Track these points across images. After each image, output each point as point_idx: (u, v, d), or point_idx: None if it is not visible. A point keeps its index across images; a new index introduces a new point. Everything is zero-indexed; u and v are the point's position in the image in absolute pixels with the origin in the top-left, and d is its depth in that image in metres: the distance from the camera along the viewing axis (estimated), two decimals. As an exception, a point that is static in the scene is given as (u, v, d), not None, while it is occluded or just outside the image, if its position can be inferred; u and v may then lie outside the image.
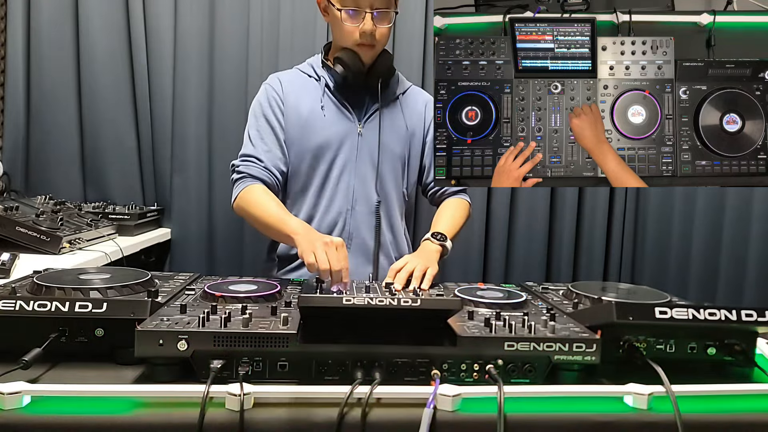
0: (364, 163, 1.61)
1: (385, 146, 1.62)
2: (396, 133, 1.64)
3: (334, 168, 1.60)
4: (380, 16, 1.50)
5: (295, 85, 1.63)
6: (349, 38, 1.52)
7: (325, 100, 1.60)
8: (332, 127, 1.59)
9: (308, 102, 1.60)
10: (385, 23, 1.52)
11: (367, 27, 1.49)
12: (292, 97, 1.61)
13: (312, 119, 1.59)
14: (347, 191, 1.61)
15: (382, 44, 1.56)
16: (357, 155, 1.60)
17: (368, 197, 1.62)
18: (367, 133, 1.61)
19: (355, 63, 1.53)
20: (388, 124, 1.63)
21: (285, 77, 1.66)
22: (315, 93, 1.61)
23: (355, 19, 1.50)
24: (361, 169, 1.61)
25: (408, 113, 1.67)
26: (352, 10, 1.49)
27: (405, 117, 1.66)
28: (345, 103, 1.61)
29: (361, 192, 1.61)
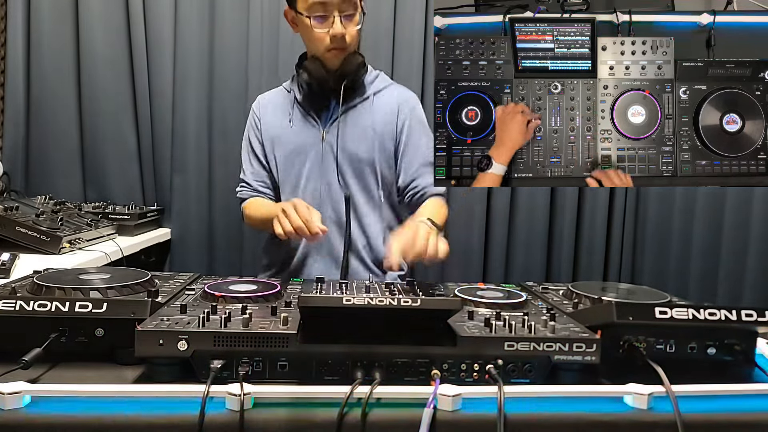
0: (329, 167, 1.64)
1: (346, 149, 1.62)
2: (360, 135, 1.63)
3: (302, 176, 1.65)
4: (348, 18, 1.53)
5: (273, 103, 1.72)
6: (320, 45, 1.55)
7: (294, 112, 1.66)
8: (297, 138, 1.65)
9: (279, 117, 1.68)
10: (354, 25, 1.55)
11: (337, 30, 1.52)
12: (268, 117, 1.70)
13: (281, 133, 1.66)
14: (313, 196, 1.63)
15: (353, 46, 1.59)
16: (321, 160, 1.64)
17: (334, 201, 1.65)
18: (330, 138, 1.63)
19: (317, 70, 1.57)
20: (351, 127, 1.63)
21: (266, 97, 1.76)
22: (287, 107, 1.68)
23: (324, 25, 1.52)
24: (326, 174, 1.64)
25: (378, 114, 1.65)
26: (320, 17, 1.52)
27: (374, 118, 1.64)
28: (310, 111, 1.65)
29: (327, 196, 1.64)
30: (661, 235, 2.78)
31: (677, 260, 2.77)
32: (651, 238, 2.79)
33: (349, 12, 1.53)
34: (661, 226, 2.78)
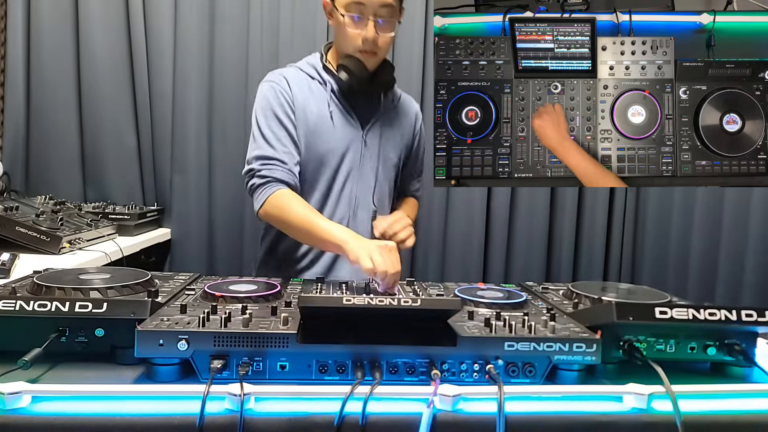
0: (366, 170, 1.62)
1: (385, 155, 1.64)
2: (392, 142, 1.66)
3: (339, 174, 1.60)
4: (384, 24, 1.49)
5: (301, 85, 1.59)
6: (351, 44, 1.51)
7: (332, 105, 1.59)
8: (339, 134, 1.58)
9: (315, 105, 1.58)
10: (388, 32, 1.51)
11: (369, 34, 1.48)
12: (300, 98, 1.57)
13: (320, 124, 1.57)
14: (350, 198, 1.61)
15: (384, 52, 1.55)
16: (360, 162, 1.61)
17: (368, 204, 1.64)
18: (369, 141, 1.62)
19: (360, 71, 1.53)
20: (386, 133, 1.65)
21: (290, 76, 1.60)
22: (321, 96, 1.59)
23: (358, 26, 1.48)
24: (363, 177, 1.62)
25: (403, 122, 1.70)
26: (356, 16, 1.48)
27: (400, 125, 1.69)
28: (350, 109, 1.61)
29: (363, 199, 1.62)
30: (661, 235, 2.78)
31: (676, 260, 2.77)
32: (651, 238, 2.79)
33: (386, 18, 1.49)
34: (660, 226, 2.78)
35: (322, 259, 1.63)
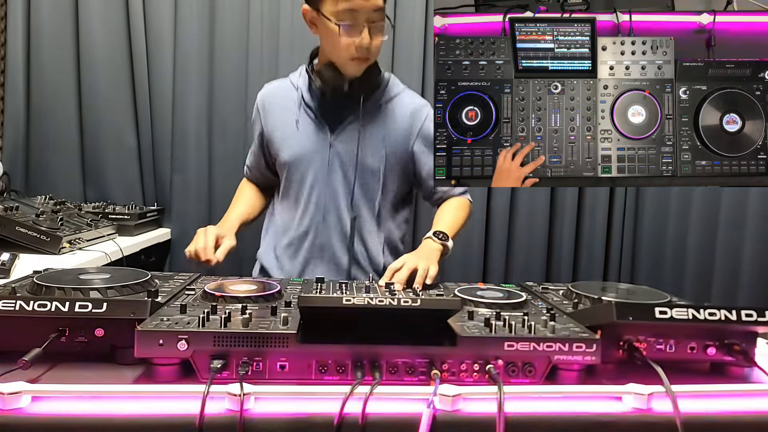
0: (335, 174, 1.60)
1: (361, 159, 1.59)
2: (373, 145, 1.60)
3: (306, 180, 1.62)
4: (376, 28, 1.48)
5: (277, 98, 1.67)
6: (344, 53, 1.49)
7: (300, 113, 1.61)
8: (304, 141, 1.60)
9: (285, 116, 1.63)
10: (380, 36, 1.50)
11: (365, 41, 1.46)
12: (272, 112, 1.66)
13: (286, 134, 1.62)
14: (318, 203, 1.62)
15: (375, 56, 1.54)
16: (328, 167, 1.60)
17: (339, 210, 1.62)
18: (338, 145, 1.59)
19: (335, 82, 1.52)
20: (365, 136, 1.59)
21: (270, 90, 1.70)
22: (294, 106, 1.63)
23: (351, 33, 1.46)
24: (332, 182, 1.61)
25: (389, 124, 1.61)
26: (348, 25, 1.45)
27: (385, 127, 1.61)
28: (319, 115, 1.60)
29: (332, 204, 1.62)
30: (661, 234, 2.78)
31: (675, 260, 2.77)
32: (651, 238, 2.79)
33: (378, 22, 1.47)
34: (660, 226, 2.78)
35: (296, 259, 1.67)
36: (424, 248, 1.48)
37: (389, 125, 1.61)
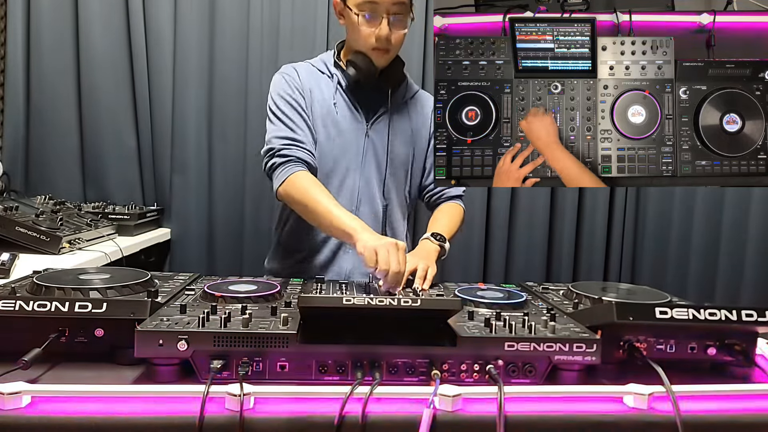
0: (369, 164, 1.62)
1: (393, 150, 1.63)
2: (401, 137, 1.65)
3: (340, 166, 1.61)
4: (397, 21, 1.50)
5: (310, 77, 1.64)
6: (364, 42, 1.52)
7: (337, 97, 1.61)
8: (342, 125, 1.60)
9: (321, 97, 1.61)
10: (401, 28, 1.52)
11: (383, 32, 1.49)
12: (308, 89, 1.61)
13: (324, 114, 1.60)
14: (352, 191, 1.61)
15: (396, 49, 1.56)
16: (363, 156, 1.61)
17: (372, 199, 1.63)
18: (373, 135, 1.62)
19: (367, 67, 1.54)
20: (393, 128, 1.63)
21: (300, 68, 1.65)
22: (327, 89, 1.62)
23: (371, 24, 1.50)
24: (366, 171, 1.62)
25: (415, 117, 1.68)
26: (368, 15, 1.49)
27: (411, 121, 1.67)
28: (355, 102, 1.62)
29: (366, 193, 1.62)
30: (661, 235, 2.78)
31: (676, 260, 2.77)
32: (651, 238, 2.79)
33: (399, 15, 1.50)
34: (661, 226, 2.78)
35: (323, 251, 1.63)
36: (422, 249, 1.49)
37: (414, 120, 1.68)
